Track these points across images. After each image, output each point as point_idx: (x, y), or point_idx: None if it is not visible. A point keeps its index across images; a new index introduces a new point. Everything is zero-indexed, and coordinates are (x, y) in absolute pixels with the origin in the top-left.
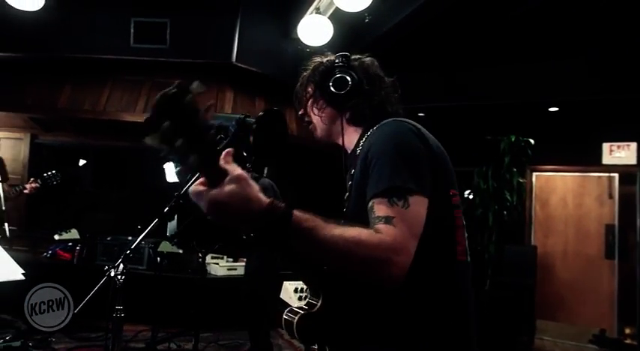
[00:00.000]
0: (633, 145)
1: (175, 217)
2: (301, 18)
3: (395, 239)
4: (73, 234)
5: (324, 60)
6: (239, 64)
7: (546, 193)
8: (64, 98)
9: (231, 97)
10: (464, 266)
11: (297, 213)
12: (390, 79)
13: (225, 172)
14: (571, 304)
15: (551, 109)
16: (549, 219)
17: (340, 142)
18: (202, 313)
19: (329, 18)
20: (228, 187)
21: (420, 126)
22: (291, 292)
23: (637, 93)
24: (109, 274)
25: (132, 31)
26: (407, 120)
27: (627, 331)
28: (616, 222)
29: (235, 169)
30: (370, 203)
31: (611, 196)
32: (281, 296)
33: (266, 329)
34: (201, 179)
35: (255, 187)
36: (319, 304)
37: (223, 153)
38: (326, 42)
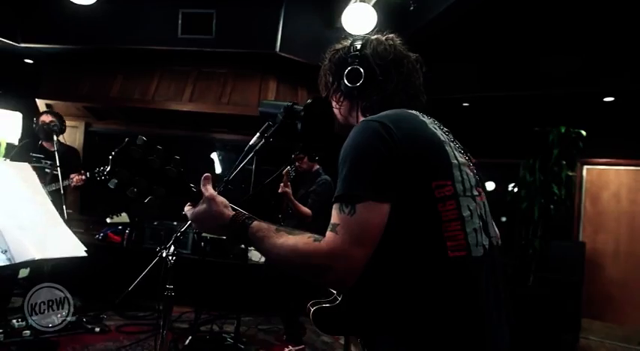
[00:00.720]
0: None
1: None
2: (345, 7)
3: (333, 247)
4: (124, 218)
5: (340, 47)
6: (283, 54)
7: (598, 187)
8: (116, 88)
9: (275, 86)
10: (462, 261)
11: (253, 224)
12: (412, 56)
13: (199, 194)
14: (620, 305)
15: (607, 99)
16: (600, 215)
17: None
18: (244, 298)
19: (373, 6)
20: (200, 207)
21: (398, 116)
22: None
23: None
24: (161, 255)
25: (179, 22)
26: (376, 118)
27: None
28: None
29: (208, 190)
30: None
31: None
32: None
33: (296, 312)
34: (189, 202)
35: (220, 204)
36: (340, 298)
37: (202, 178)
38: (370, 30)
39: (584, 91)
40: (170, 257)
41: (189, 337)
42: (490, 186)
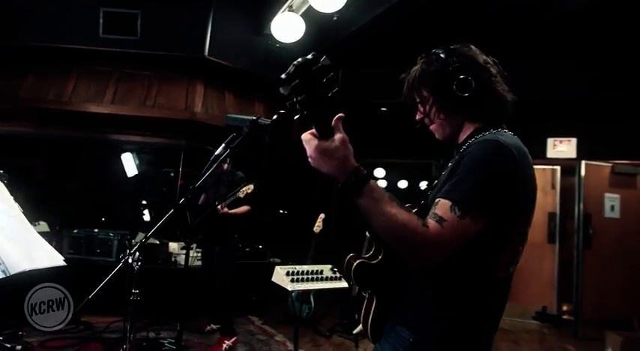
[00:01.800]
0: (574, 140)
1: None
2: (274, 14)
3: (436, 236)
4: (43, 227)
5: (429, 59)
6: (211, 58)
7: None
8: (26, 88)
9: (202, 90)
10: (502, 283)
11: (372, 183)
12: (491, 59)
13: (332, 131)
14: (517, 286)
15: None
16: None
17: (458, 140)
18: (178, 302)
19: (301, 16)
20: (335, 144)
21: (520, 151)
22: (283, 275)
23: (576, 93)
24: (126, 260)
25: (101, 21)
26: (508, 144)
27: (565, 307)
28: (557, 210)
29: (342, 132)
30: (437, 199)
31: (553, 187)
32: (273, 279)
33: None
34: (311, 130)
35: (351, 150)
36: (380, 257)
37: (336, 116)
38: (297, 39)
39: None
40: (136, 263)
41: (124, 346)
42: (403, 184)
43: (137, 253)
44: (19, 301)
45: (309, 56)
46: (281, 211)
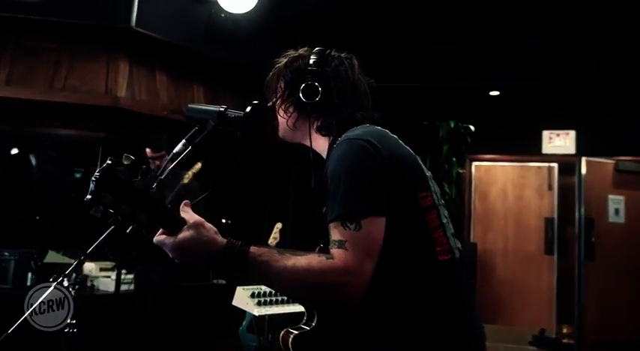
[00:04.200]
0: (572, 133)
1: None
2: None
3: (346, 262)
4: None
5: (301, 54)
6: (139, 29)
7: (486, 184)
8: None
9: (127, 68)
10: (449, 264)
11: (252, 249)
12: (367, 81)
13: (182, 220)
14: (511, 304)
15: (492, 93)
16: (489, 213)
17: (306, 143)
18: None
19: None
20: (187, 234)
21: (377, 134)
22: (246, 297)
23: (579, 80)
24: (61, 283)
25: None
26: (359, 136)
27: (565, 330)
28: (555, 215)
29: (193, 216)
30: (329, 227)
31: (550, 188)
32: (234, 303)
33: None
34: (161, 230)
35: (211, 230)
36: (316, 319)
37: (182, 204)
38: (249, 9)
39: (471, 84)
40: (72, 287)
41: None
42: None
43: (73, 275)
44: None
45: (105, 164)
46: (223, 221)
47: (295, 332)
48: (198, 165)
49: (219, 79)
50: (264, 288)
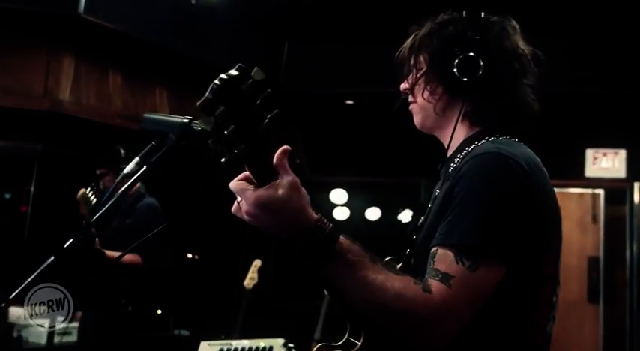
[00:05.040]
0: (622, 153)
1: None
2: None
3: (445, 301)
4: None
5: (448, 19)
6: (89, 17)
7: None
8: None
9: (72, 65)
10: (537, 349)
11: (344, 240)
12: (530, 50)
13: (275, 172)
14: None
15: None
16: None
17: (443, 139)
18: None
19: None
20: (280, 192)
21: (532, 160)
22: None
23: (631, 88)
24: None
25: None
26: (516, 157)
27: None
28: (601, 254)
29: (289, 173)
30: (434, 249)
31: (594, 220)
32: None
33: None
34: (244, 174)
35: (307, 197)
36: (360, 344)
37: (279, 150)
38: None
39: None
40: None
41: None
42: (374, 214)
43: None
44: None
45: (234, 71)
46: (190, 255)
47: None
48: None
49: (187, 80)
50: (234, 344)
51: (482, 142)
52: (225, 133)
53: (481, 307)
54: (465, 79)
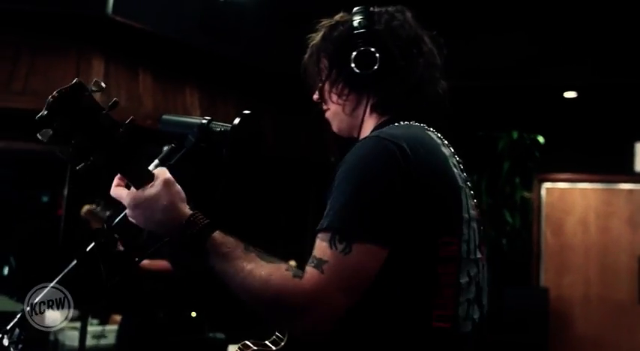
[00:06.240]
0: None
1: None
2: None
3: (316, 288)
4: None
5: (338, 20)
6: (117, 18)
7: (561, 212)
8: None
9: (102, 66)
10: (445, 335)
11: (217, 234)
12: (430, 35)
13: (150, 174)
14: None
15: (567, 95)
16: (565, 250)
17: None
18: None
19: None
20: (152, 190)
21: (419, 140)
22: None
23: None
24: (1, 343)
25: None
26: (392, 137)
27: None
28: None
29: (163, 173)
30: (316, 237)
31: None
32: None
33: None
34: (118, 176)
35: (181, 194)
36: (284, 342)
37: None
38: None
39: (539, 83)
40: (14, 347)
41: None
42: None
43: (16, 331)
44: None
45: (69, 85)
46: None
47: (254, 348)
48: None
49: (217, 79)
50: (263, 346)
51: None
52: (74, 142)
53: (372, 293)
54: (365, 73)
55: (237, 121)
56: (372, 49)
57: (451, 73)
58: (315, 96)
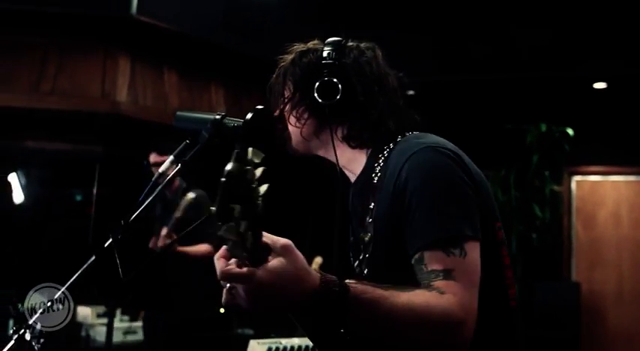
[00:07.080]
0: None
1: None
2: None
3: (462, 296)
4: None
5: (310, 48)
6: (142, 18)
7: (592, 206)
8: None
9: (128, 65)
10: (517, 313)
11: (353, 286)
12: (395, 75)
13: (266, 245)
14: None
15: (597, 86)
16: (597, 243)
17: (327, 156)
18: None
19: None
20: (277, 264)
21: (457, 149)
22: None
23: None
24: (23, 337)
25: None
26: (441, 145)
27: None
28: None
29: (278, 239)
30: (418, 255)
31: None
32: None
33: None
34: (220, 252)
35: (302, 259)
36: None
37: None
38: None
39: (569, 75)
40: (36, 341)
41: None
42: None
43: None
44: None
45: (235, 164)
46: None
47: None
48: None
49: (242, 76)
50: (283, 342)
51: (392, 145)
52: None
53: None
54: (326, 102)
55: (249, 116)
56: (335, 80)
57: (479, 66)
58: (276, 113)
